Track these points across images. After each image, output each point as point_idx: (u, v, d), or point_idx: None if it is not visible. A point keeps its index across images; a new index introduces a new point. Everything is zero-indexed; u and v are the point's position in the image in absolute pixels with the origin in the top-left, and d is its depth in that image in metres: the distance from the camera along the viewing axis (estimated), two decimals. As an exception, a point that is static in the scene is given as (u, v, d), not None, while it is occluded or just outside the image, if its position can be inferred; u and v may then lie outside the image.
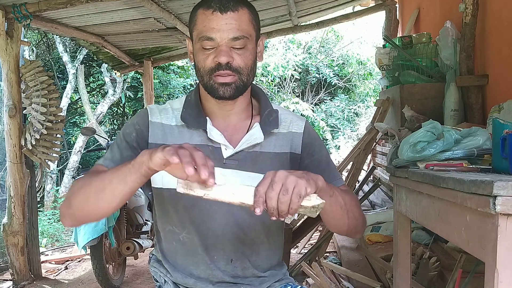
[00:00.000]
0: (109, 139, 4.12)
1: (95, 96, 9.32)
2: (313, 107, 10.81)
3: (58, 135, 3.50)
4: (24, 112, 3.37)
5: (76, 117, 8.95)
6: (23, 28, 3.34)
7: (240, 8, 1.05)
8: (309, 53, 11.29)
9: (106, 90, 7.97)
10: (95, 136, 4.35)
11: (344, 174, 4.12)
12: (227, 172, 1.09)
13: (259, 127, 1.13)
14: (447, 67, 2.74)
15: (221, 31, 1.03)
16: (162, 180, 1.12)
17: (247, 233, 1.14)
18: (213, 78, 1.06)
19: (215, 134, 1.10)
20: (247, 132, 1.14)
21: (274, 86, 10.87)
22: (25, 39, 3.92)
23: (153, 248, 1.32)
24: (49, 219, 6.03)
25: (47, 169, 4.15)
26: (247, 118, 1.17)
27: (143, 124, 1.14)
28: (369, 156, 4.77)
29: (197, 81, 1.16)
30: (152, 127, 1.13)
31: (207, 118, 1.12)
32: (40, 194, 4.78)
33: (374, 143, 3.31)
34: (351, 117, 10.94)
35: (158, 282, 1.23)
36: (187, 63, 8.85)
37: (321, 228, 3.71)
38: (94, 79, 9.03)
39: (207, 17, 1.04)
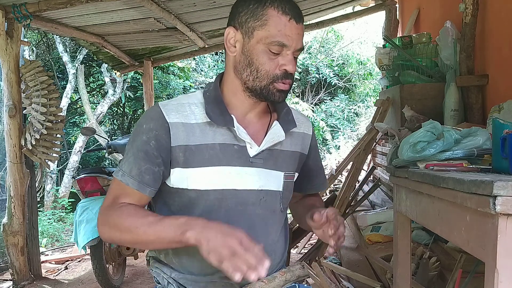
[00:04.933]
0: (109, 139, 4.12)
1: (95, 96, 9.32)
2: (313, 107, 10.81)
3: (58, 135, 3.50)
4: (24, 112, 3.37)
5: (76, 117, 8.95)
6: (23, 28, 3.34)
7: (303, 20, 1.09)
8: (309, 53, 11.29)
9: (106, 90, 7.97)
10: (95, 136, 4.35)
11: (344, 174, 4.12)
12: (252, 171, 1.11)
13: (279, 125, 1.14)
14: (447, 67, 2.74)
15: (294, 40, 1.05)
16: (187, 181, 1.08)
17: (264, 235, 1.15)
18: (274, 85, 1.07)
19: (241, 132, 1.09)
20: (268, 130, 1.15)
21: (274, 86, 10.85)
22: (25, 39, 3.91)
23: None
24: (49, 219, 6.03)
25: (47, 169, 4.15)
26: (266, 116, 1.18)
27: (161, 128, 1.06)
28: (369, 156, 4.77)
29: (197, 82, 1.15)
30: (173, 129, 1.07)
31: (233, 116, 1.10)
32: (40, 194, 4.77)
33: (374, 143, 3.31)
34: (351, 117, 10.94)
35: (160, 284, 1.19)
36: (187, 64, 8.84)
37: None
38: (94, 79, 9.03)
39: (283, 22, 1.03)
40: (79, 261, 4.17)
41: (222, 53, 9.73)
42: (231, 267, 0.85)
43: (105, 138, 4.69)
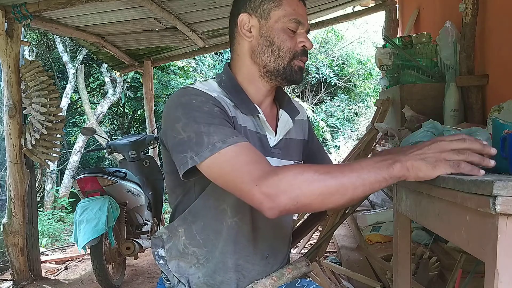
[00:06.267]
0: (109, 139, 4.11)
1: (95, 96, 9.32)
2: (313, 107, 10.81)
3: (58, 135, 3.50)
4: (24, 112, 3.37)
5: (76, 117, 8.96)
6: (23, 28, 3.34)
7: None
8: (309, 53, 11.26)
9: (106, 90, 7.97)
10: (95, 136, 4.35)
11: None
12: (273, 161, 1.09)
13: (286, 114, 1.16)
14: (447, 67, 2.74)
15: (305, 20, 1.10)
16: None
17: (283, 228, 1.17)
18: (295, 62, 1.09)
19: (265, 121, 1.10)
20: (277, 119, 1.16)
21: (274, 86, 10.84)
22: (25, 39, 3.91)
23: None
24: (49, 219, 6.03)
25: (47, 169, 4.16)
26: (273, 106, 1.20)
27: (212, 99, 1.01)
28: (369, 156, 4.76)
29: (197, 82, 1.14)
30: (221, 102, 1.03)
31: (256, 105, 1.10)
32: (40, 194, 4.78)
33: (374, 143, 3.31)
34: (351, 117, 10.93)
35: (170, 282, 1.14)
36: (187, 63, 8.84)
37: (321, 228, 3.71)
38: (94, 79, 9.03)
39: (295, 2, 1.08)
40: (79, 261, 4.17)
41: (222, 53, 9.72)
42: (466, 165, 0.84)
43: (105, 138, 4.70)
